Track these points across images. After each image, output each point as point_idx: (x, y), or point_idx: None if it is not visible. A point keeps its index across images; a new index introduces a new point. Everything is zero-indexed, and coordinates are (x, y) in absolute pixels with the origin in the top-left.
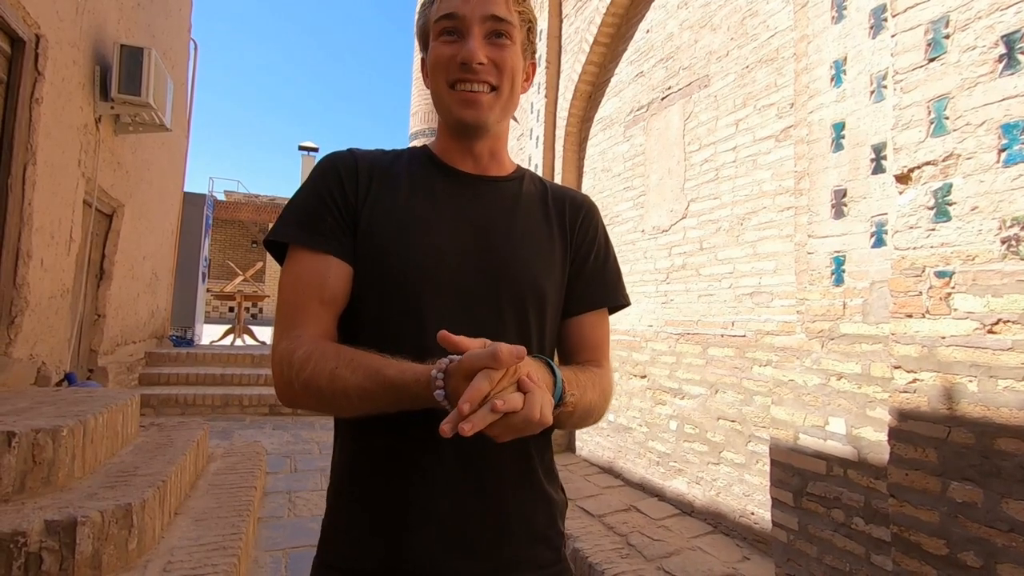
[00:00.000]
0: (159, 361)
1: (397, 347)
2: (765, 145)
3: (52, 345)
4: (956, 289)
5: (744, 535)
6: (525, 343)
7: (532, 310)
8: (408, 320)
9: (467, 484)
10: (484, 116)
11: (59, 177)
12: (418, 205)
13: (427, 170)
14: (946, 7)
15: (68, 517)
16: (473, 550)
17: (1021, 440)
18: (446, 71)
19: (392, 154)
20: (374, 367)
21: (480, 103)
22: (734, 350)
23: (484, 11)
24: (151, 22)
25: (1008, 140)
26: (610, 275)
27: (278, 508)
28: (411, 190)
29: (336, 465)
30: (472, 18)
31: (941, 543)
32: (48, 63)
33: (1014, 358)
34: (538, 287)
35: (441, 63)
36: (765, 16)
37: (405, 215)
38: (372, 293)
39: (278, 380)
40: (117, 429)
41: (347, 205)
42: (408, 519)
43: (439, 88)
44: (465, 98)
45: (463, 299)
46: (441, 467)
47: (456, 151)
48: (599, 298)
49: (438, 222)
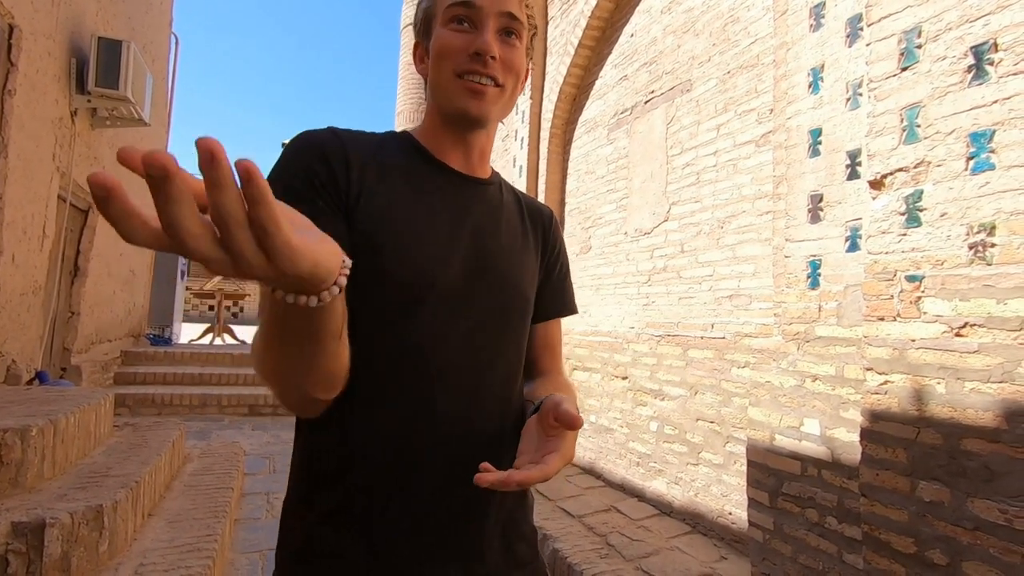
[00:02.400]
0: (135, 360)
1: (390, 350)
2: (745, 150)
3: (23, 343)
4: (926, 293)
5: (722, 535)
6: (515, 348)
7: (518, 316)
8: (404, 323)
9: (451, 485)
10: (487, 110)
11: (32, 171)
12: (416, 203)
13: (418, 164)
14: (918, 18)
15: (36, 519)
16: (458, 553)
17: (986, 440)
18: (455, 60)
19: (376, 139)
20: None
21: (486, 96)
22: (713, 352)
23: (501, 6)
24: (131, 15)
25: (976, 148)
26: (568, 285)
27: (256, 509)
28: (406, 186)
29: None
30: (489, 11)
31: (910, 541)
32: (22, 54)
33: (980, 360)
34: (525, 294)
35: (451, 51)
36: (746, 23)
37: (404, 213)
38: (365, 292)
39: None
40: (90, 429)
41: (337, 191)
42: (389, 524)
43: (444, 76)
44: (473, 88)
45: (460, 304)
46: (422, 470)
47: (448, 144)
48: (561, 307)
49: (437, 223)
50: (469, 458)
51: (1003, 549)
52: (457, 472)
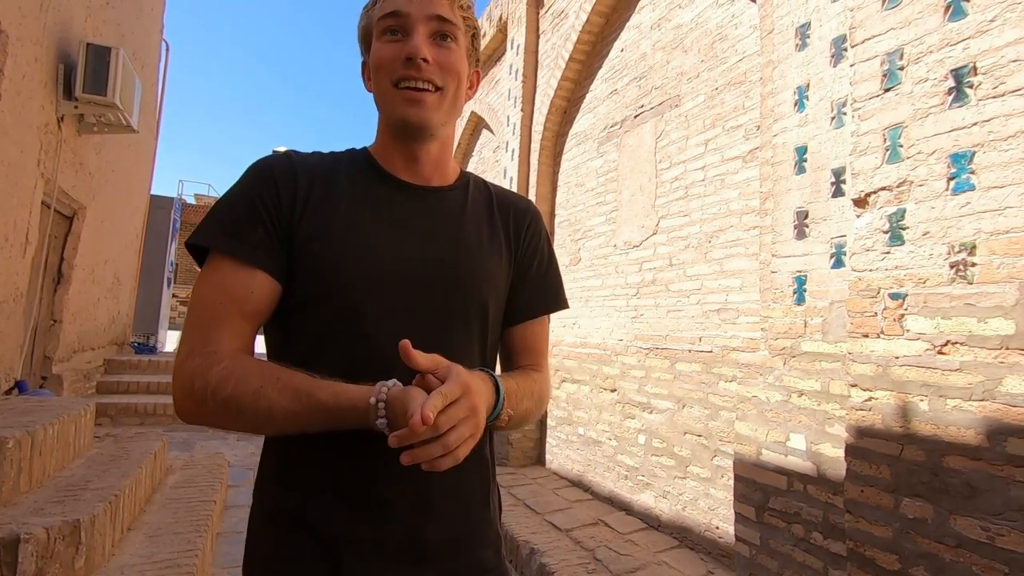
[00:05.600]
0: (119, 369)
1: (337, 361)
2: (733, 165)
3: (2, 352)
4: (909, 311)
5: (709, 549)
6: (469, 353)
7: (476, 320)
8: (349, 333)
9: (419, 492)
10: (428, 116)
11: (16, 177)
12: (360, 215)
13: (368, 178)
14: (900, 40)
15: (10, 534)
16: (425, 558)
17: (968, 458)
18: (390, 70)
19: (331, 158)
20: (304, 389)
21: (425, 102)
22: (701, 365)
23: (428, 11)
24: (120, 21)
25: (956, 169)
26: (552, 281)
27: (239, 522)
28: (352, 199)
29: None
30: (416, 16)
31: (894, 558)
32: (8, 59)
33: (961, 378)
34: (482, 297)
35: (385, 62)
36: (734, 40)
37: (347, 226)
38: (310, 306)
39: (185, 396)
40: (69, 440)
41: (281, 216)
42: (356, 530)
43: (382, 88)
44: (409, 96)
45: (407, 312)
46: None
47: (398, 156)
48: (542, 305)
49: (381, 233)
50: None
51: (985, 567)
52: (410, 477)
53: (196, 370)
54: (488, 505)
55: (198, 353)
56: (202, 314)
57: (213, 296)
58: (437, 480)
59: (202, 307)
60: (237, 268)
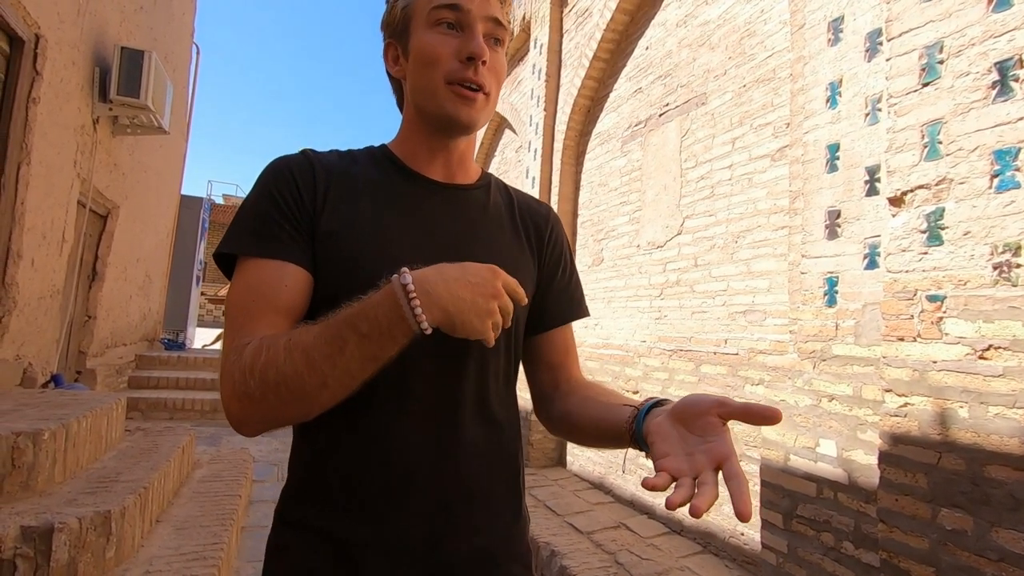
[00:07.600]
0: (149, 364)
1: None
2: (761, 164)
3: (40, 346)
4: (948, 314)
5: (733, 556)
6: (494, 355)
7: None
8: None
9: (450, 503)
10: (476, 117)
11: (54, 177)
12: (383, 212)
13: (391, 175)
14: (940, 33)
15: (45, 523)
16: (450, 570)
17: (1011, 468)
18: (446, 65)
19: (348, 156)
20: (327, 320)
21: (476, 103)
22: (726, 368)
23: (487, 11)
24: (153, 25)
25: (1000, 166)
26: (575, 288)
27: (263, 517)
28: (373, 197)
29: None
30: (476, 14)
31: (930, 571)
32: (47, 63)
33: (1005, 384)
34: None
35: (441, 56)
36: (763, 36)
37: (369, 223)
38: (331, 302)
39: (231, 397)
40: (101, 433)
41: (303, 210)
42: (376, 538)
43: (431, 82)
44: (465, 95)
45: None
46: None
47: (424, 151)
48: (568, 313)
49: (404, 231)
50: (452, 467)
51: None
52: (434, 486)
53: (233, 365)
54: (518, 517)
55: (234, 351)
56: (236, 316)
57: (245, 297)
58: (464, 490)
59: (236, 310)
60: (266, 266)
